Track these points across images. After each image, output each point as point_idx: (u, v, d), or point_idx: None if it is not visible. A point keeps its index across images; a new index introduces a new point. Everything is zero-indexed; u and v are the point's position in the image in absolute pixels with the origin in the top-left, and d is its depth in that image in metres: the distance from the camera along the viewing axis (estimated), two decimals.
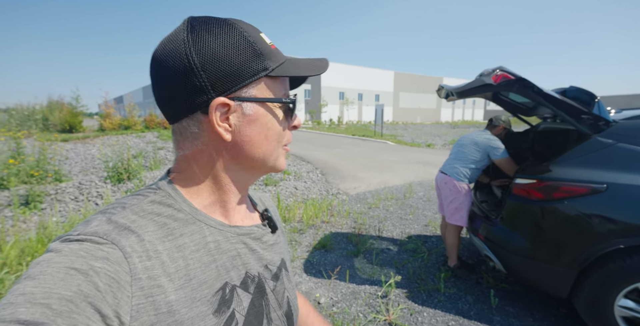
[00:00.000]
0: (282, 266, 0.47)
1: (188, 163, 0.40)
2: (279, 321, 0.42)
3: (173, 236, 0.35)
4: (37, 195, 3.70)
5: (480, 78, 1.97)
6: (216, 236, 0.38)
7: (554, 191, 1.73)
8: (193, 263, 0.35)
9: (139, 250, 0.31)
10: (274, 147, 0.41)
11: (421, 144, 12.13)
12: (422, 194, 4.91)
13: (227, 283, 0.37)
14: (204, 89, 0.36)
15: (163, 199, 0.37)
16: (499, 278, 2.32)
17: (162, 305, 0.30)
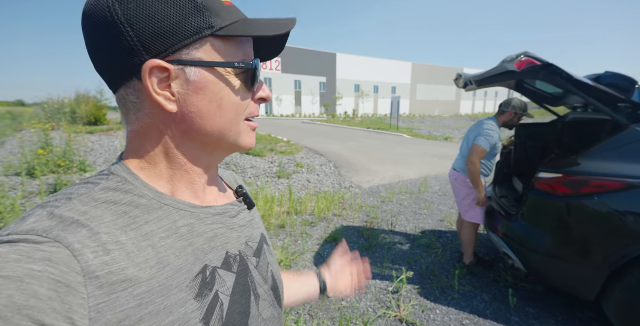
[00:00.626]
0: (263, 241, 0.45)
1: (139, 139, 0.35)
2: (265, 296, 0.41)
3: (136, 224, 0.31)
4: (64, 184, 3.90)
5: (502, 64, 1.84)
6: (188, 219, 0.35)
7: (583, 186, 1.60)
8: (164, 250, 0.32)
9: (92, 245, 0.27)
10: (231, 121, 0.36)
11: (438, 137, 11.77)
12: (437, 189, 4.76)
13: (207, 266, 0.35)
14: (134, 49, 0.30)
15: (119, 185, 0.33)
16: (518, 276, 2.21)
17: (130, 300, 0.27)
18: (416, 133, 13.13)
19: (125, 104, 0.34)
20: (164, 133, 0.35)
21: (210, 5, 0.33)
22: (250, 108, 0.38)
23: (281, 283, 0.47)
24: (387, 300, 2.00)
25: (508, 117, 2.24)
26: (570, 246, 1.62)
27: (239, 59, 0.35)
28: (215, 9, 0.33)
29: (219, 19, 0.33)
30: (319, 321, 1.76)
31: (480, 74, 2.07)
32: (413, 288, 2.13)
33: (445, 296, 2.03)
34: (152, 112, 0.34)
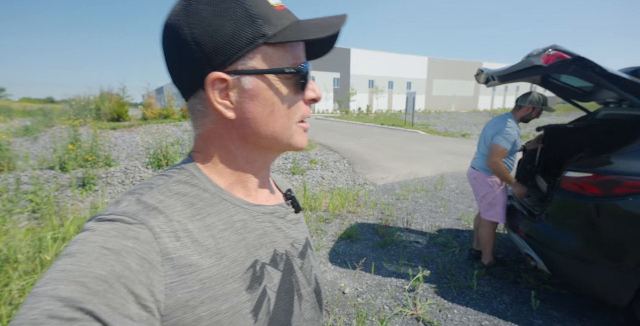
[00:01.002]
0: (307, 245, 0.47)
1: (204, 142, 0.39)
2: (308, 297, 0.43)
3: (201, 215, 0.35)
4: (91, 178, 4.10)
5: (528, 59, 1.75)
6: (242, 215, 0.38)
7: (615, 186, 1.51)
8: (222, 241, 0.35)
9: (168, 230, 0.31)
10: (284, 124, 0.38)
11: (455, 134, 11.46)
12: (454, 187, 4.65)
13: (257, 261, 0.37)
14: (200, 63, 0.34)
15: (188, 179, 0.37)
16: (540, 278, 2.14)
17: (195, 283, 0.30)
18: (432, 130, 12.84)
19: (194, 112, 0.38)
20: (225, 137, 0.38)
21: (263, 14, 0.34)
22: (302, 110, 0.39)
23: (323, 288, 0.48)
24: (403, 298, 1.99)
25: (526, 112, 2.16)
26: (601, 249, 1.55)
27: (290, 64, 0.37)
28: (268, 17, 0.34)
29: (271, 27, 0.34)
30: (335, 317, 1.77)
31: (503, 69, 1.99)
32: (430, 287, 2.11)
33: (463, 296, 2.00)
34: (214, 119, 0.37)
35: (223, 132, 0.38)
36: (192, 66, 0.34)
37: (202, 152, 0.39)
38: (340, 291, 2.07)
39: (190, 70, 0.35)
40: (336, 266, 2.40)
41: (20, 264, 1.75)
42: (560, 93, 2.56)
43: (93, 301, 0.24)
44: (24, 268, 1.74)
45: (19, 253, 1.81)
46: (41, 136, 6.97)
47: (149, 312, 0.27)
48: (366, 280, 2.21)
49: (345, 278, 2.22)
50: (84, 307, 0.24)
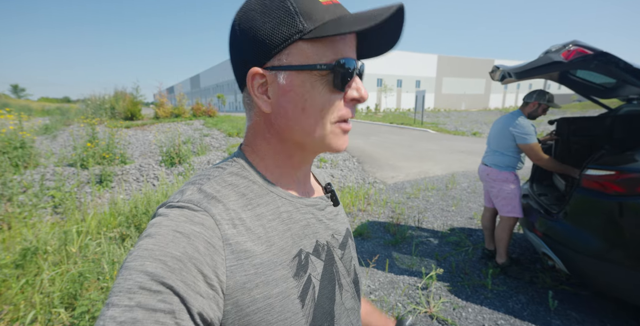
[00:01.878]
0: (348, 236, 0.48)
1: (252, 134, 0.42)
2: (348, 287, 0.44)
3: (252, 205, 0.37)
4: (108, 175, 4.22)
5: (546, 55, 1.72)
6: (287, 207, 0.40)
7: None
8: (271, 230, 0.37)
9: (226, 218, 0.34)
10: (317, 122, 0.37)
11: (466, 133, 11.27)
12: (466, 185, 4.59)
13: (302, 250, 0.39)
14: (247, 59, 0.37)
15: (239, 171, 0.39)
16: (557, 278, 2.10)
17: (250, 267, 0.33)
18: (442, 128, 12.66)
19: (245, 105, 0.42)
20: (266, 131, 0.40)
21: (305, 10, 0.34)
22: (341, 111, 0.38)
23: (361, 279, 0.51)
24: (416, 296, 1.98)
25: (532, 109, 2.19)
26: (623, 249, 1.51)
27: (328, 60, 0.35)
28: (310, 13, 0.34)
29: (310, 23, 0.34)
30: None
31: (520, 65, 1.96)
32: (443, 286, 2.09)
33: (478, 295, 1.98)
34: (258, 112, 0.40)
35: (265, 126, 0.40)
36: (242, 61, 0.37)
37: (250, 145, 0.42)
38: None
39: (240, 65, 0.38)
40: None
41: (49, 255, 1.83)
42: (579, 90, 2.49)
43: (172, 278, 0.27)
44: (53, 259, 1.82)
45: (48, 245, 1.89)
46: (60, 134, 7.19)
47: (214, 291, 0.30)
48: (378, 278, 2.21)
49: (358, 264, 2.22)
50: (166, 282, 0.27)
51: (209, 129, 10.60)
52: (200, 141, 7.70)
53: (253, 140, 0.42)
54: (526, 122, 2.09)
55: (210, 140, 8.34)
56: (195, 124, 12.07)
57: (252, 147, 0.42)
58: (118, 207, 2.72)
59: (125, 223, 2.48)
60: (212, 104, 15.46)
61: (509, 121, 2.16)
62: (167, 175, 4.79)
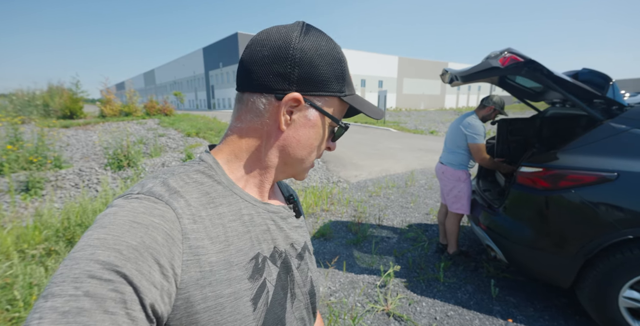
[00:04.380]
0: (306, 248, 0.50)
1: (240, 135, 0.43)
2: (302, 298, 0.45)
3: (214, 204, 0.38)
4: (37, 181, 3.70)
5: (486, 61, 1.85)
6: (250, 210, 0.41)
7: (561, 179, 1.65)
8: (231, 230, 0.38)
9: (188, 213, 0.35)
10: (309, 157, 0.45)
11: (424, 131, 11.95)
12: (423, 182, 4.85)
13: (259, 254, 0.40)
14: (290, 80, 0.40)
15: (206, 170, 0.41)
16: (499, 267, 2.30)
17: (205, 264, 0.34)
18: (403, 127, 13.28)
19: (250, 106, 0.42)
20: (263, 140, 0.43)
21: (347, 78, 0.45)
22: (319, 153, 0.47)
23: (319, 293, 0.52)
24: (375, 294, 2.03)
25: (487, 112, 2.36)
26: (549, 238, 1.68)
27: (339, 118, 0.46)
28: (348, 82, 0.45)
29: (347, 89, 0.44)
30: None
31: (465, 69, 2.09)
32: (400, 282, 2.17)
33: (431, 289, 2.08)
34: (267, 123, 0.42)
35: (264, 136, 0.42)
36: (283, 77, 0.40)
37: (230, 145, 0.43)
38: None
39: (277, 79, 0.40)
40: None
41: None
42: (515, 93, 2.75)
43: (127, 266, 0.27)
44: None
45: None
46: None
47: (169, 282, 0.30)
48: (339, 278, 2.22)
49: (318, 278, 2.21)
50: (120, 270, 0.27)
51: (165, 129, 9.90)
52: (155, 141, 7.15)
53: (237, 141, 0.43)
54: (478, 123, 2.25)
55: (166, 140, 7.78)
56: (149, 123, 11.18)
57: (231, 148, 0.43)
58: (44, 219, 2.38)
59: (53, 237, 2.18)
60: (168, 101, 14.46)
61: (462, 121, 2.30)
62: (113, 180, 4.35)
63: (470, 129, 2.23)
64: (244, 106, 0.42)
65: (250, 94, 0.41)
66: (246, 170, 0.43)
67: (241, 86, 0.42)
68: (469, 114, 2.33)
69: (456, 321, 1.76)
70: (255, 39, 0.42)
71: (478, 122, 2.26)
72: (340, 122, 0.45)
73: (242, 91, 0.42)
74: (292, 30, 0.40)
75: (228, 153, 0.43)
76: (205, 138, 8.18)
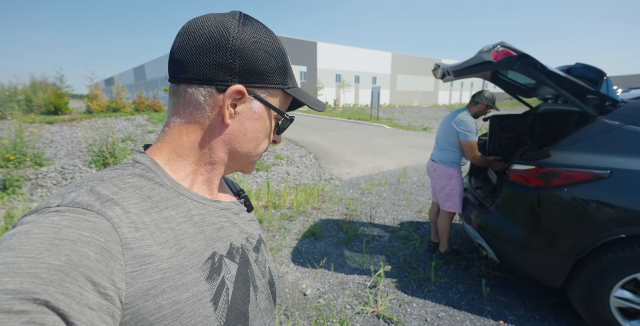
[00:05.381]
0: (261, 240, 0.50)
1: (179, 132, 0.40)
2: (263, 289, 0.45)
3: (158, 208, 0.35)
4: (15, 180, 3.54)
5: (479, 55, 1.79)
6: (200, 210, 0.40)
7: (553, 177, 1.62)
8: (182, 233, 0.36)
9: (127, 221, 0.31)
10: (256, 150, 0.44)
11: (417, 128, 11.96)
12: (416, 179, 4.82)
13: (215, 253, 0.39)
14: (232, 71, 0.38)
15: (143, 172, 0.37)
16: (491, 266, 2.27)
17: (155, 272, 0.31)
18: (396, 124, 13.27)
19: (189, 98, 0.39)
20: (206, 135, 0.40)
21: (290, 71, 0.44)
22: (265, 147, 0.46)
23: (277, 281, 0.52)
24: (365, 295, 1.98)
25: (480, 109, 2.31)
26: (540, 237, 1.65)
27: (284, 111, 0.45)
28: (290, 74, 0.44)
29: (291, 81, 0.44)
30: (295, 322, 1.70)
31: (457, 64, 2.03)
32: (391, 282, 2.12)
33: (422, 289, 2.05)
34: (210, 117, 0.39)
35: (207, 130, 0.40)
36: (225, 69, 0.38)
37: (171, 142, 0.40)
38: (301, 292, 2.00)
39: (218, 70, 0.37)
40: (298, 266, 2.33)
41: None
42: (508, 89, 2.70)
43: (49, 291, 0.24)
44: None
45: None
46: None
47: (109, 300, 0.27)
48: (329, 279, 2.16)
49: (307, 279, 2.15)
50: (39, 298, 0.23)
51: (154, 125, 9.66)
52: (143, 138, 6.97)
53: (178, 137, 0.40)
54: (470, 120, 2.19)
55: (155, 137, 7.59)
56: (137, 119, 10.91)
57: (170, 146, 0.40)
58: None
59: None
60: (157, 97, 14.14)
61: (454, 118, 2.25)
62: None
63: (462, 126, 2.18)
64: (180, 99, 0.39)
65: (186, 85, 0.38)
66: (191, 168, 0.41)
67: (175, 78, 0.39)
68: (461, 111, 2.28)
69: (447, 322, 1.73)
70: (188, 28, 0.38)
71: (470, 118, 2.21)
72: (285, 114, 0.44)
73: (176, 82, 0.39)
74: (230, 20, 0.38)
75: (169, 152, 0.40)
76: None
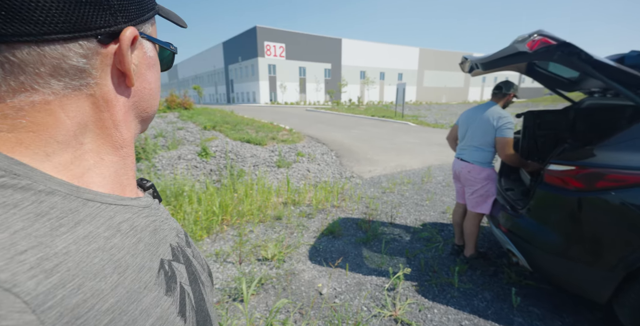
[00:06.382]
0: (185, 233, 0.44)
1: (50, 114, 0.25)
2: (207, 282, 0.42)
3: (67, 226, 0.23)
4: None
5: (512, 45, 1.65)
6: (124, 214, 0.29)
7: (598, 179, 1.45)
8: (117, 251, 0.26)
9: (23, 269, 0.19)
10: (157, 99, 0.35)
11: (445, 125, 11.46)
12: (441, 179, 4.62)
13: (163, 260, 0.32)
14: (111, 7, 0.26)
15: (9, 181, 0.22)
16: (522, 274, 2.10)
17: (100, 317, 0.22)
18: (422, 121, 12.81)
19: (46, 65, 0.24)
20: (102, 109, 0.29)
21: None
22: None
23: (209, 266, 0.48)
24: (382, 298, 1.92)
25: (509, 100, 2.15)
26: (582, 246, 1.49)
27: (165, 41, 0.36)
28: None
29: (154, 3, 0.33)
30: (309, 321, 1.69)
31: (487, 56, 1.89)
32: (411, 285, 2.04)
33: (445, 294, 1.94)
34: (101, 83, 0.28)
35: (103, 103, 0.29)
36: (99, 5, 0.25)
37: (37, 132, 0.25)
38: (317, 292, 1.98)
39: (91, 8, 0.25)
40: (315, 264, 2.31)
41: None
42: (547, 83, 2.48)
43: None
44: None
45: None
46: None
47: None
48: (345, 279, 2.13)
49: (323, 278, 2.13)
50: None
51: (184, 122, 10.14)
52: (173, 134, 7.34)
53: (51, 124, 0.26)
54: (506, 114, 2.01)
55: (184, 133, 7.95)
56: (169, 116, 11.51)
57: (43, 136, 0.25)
58: None
59: None
60: (187, 95, 14.83)
61: (490, 114, 2.04)
62: None
63: (502, 121, 1.99)
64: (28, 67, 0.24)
65: (35, 46, 0.23)
66: (94, 160, 0.29)
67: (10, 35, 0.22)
68: (491, 105, 2.10)
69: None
70: None
71: (505, 112, 2.02)
72: (171, 46, 0.35)
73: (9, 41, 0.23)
74: None
75: (43, 144, 0.25)
76: (221, 131, 8.28)
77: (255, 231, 2.82)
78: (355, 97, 34.28)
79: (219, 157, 5.44)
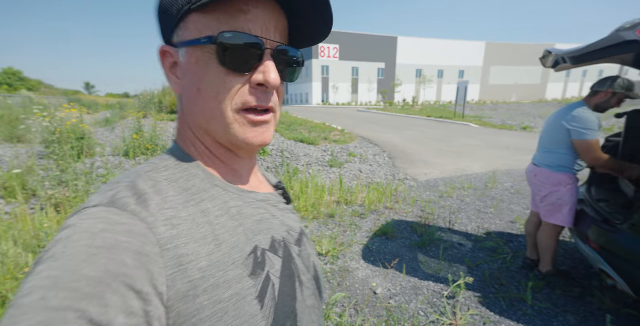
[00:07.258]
0: (302, 233, 0.46)
1: (179, 120, 0.39)
2: (309, 284, 0.42)
3: (194, 201, 0.33)
4: None
5: (616, 33, 1.42)
6: (236, 201, 0.37)
7: None
8: (220, 227, 0.33)
9: (162, 218, 0.29)
10: (214, 108, 0.33)
11: (514, 127, 10.23)
12: (509, 185, 4.15)
13: (257, 247, 0.35)
14: (162, 35, 0.35)
15: (176, 164, 0.35)
16: (620, 300, 1.78)
17: (195, 272, 0.29)
18: (486, 122, 11.65)
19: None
20: (183, 115, 0.38)
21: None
22: (242, 96, 0.33)
23: (322, 276, 0.48)
24: (440, 304, 1.82)
25: (602, 99, 1.80)
26: None
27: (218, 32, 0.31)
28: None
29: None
30: (364, 318, 1.69)
31: (579, 48, 1.65)
32: (473, 296, 1.89)
33: (515, 311, 1.75)
34: (178, 95, 0.38)
35: (184, 109, 0.38)
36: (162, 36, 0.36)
37: (182, 134, 0.39)
38: (371, 290, 1.97)
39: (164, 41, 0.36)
40: (369, 263, 2.30)
41: None
42: None
43: (91, 305, 0.22)
44: None
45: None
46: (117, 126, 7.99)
47: (153, 305, 0.25)
48: (400, 281, 2.07)
49: (377, 277, 2.11)
50: (82, 314, 0.21)
51: None
52: None
53: (181, 127, 0.39)
54: (588, 115, 1.74)
55: None
56: None
57: (183, 136, 0.38)
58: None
59: None
60: None
61: (564, 113, 1.83)
62: None
63: (575, 122, 1.74)
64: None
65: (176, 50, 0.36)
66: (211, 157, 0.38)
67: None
68: (577, 105, 1.82)
69: None
70: None
71: (588, 113, 1.74)
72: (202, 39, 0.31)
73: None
74: None
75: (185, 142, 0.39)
76: (276, 131, 8.77)
77: (309, 227, 2.93)
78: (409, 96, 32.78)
79: (275, 155, 5.76)
